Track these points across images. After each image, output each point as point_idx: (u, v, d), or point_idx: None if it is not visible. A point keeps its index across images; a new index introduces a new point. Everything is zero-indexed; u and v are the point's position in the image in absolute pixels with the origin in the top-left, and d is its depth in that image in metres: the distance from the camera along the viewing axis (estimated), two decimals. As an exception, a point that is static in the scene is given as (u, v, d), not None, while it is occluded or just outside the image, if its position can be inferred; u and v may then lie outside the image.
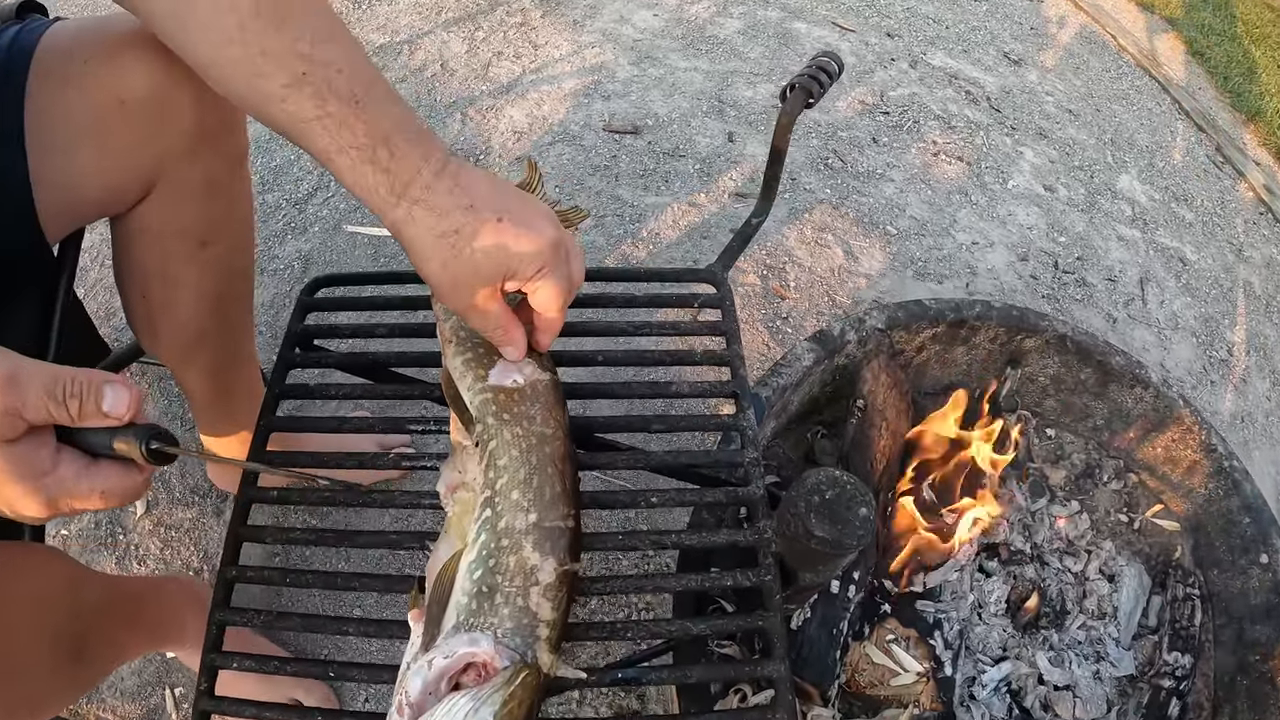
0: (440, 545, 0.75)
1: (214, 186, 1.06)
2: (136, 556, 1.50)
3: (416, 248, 0.72)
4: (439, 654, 0.66)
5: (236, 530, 0.89)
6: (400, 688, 0.66)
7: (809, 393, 1.26)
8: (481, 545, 0.69)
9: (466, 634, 0.66)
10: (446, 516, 0.77)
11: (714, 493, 0.86)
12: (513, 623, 0.66)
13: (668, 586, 0.79)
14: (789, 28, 2.70)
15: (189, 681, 1.39)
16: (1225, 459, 1.35)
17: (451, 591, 0.70)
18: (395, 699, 0.65)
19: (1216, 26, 3.46)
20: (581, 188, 2.05)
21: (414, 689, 0.65)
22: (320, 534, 0.86)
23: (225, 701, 0.81)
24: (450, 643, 0.66)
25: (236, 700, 0.81)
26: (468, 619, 0.67)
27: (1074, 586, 1.31)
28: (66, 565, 1.04)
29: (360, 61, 0.69)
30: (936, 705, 1.10)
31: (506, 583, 0.67)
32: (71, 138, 0.89)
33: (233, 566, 0.87)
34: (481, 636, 0.66)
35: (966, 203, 2.23)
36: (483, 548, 0.69)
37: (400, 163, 0.69)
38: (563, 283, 0.76)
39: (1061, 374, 1.41)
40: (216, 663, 0.83)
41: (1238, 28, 3.50)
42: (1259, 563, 1.29)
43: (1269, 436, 2.00)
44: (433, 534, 0.81)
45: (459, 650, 0.65)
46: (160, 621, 1.18)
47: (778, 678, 0.73)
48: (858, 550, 0.80)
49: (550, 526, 0.69)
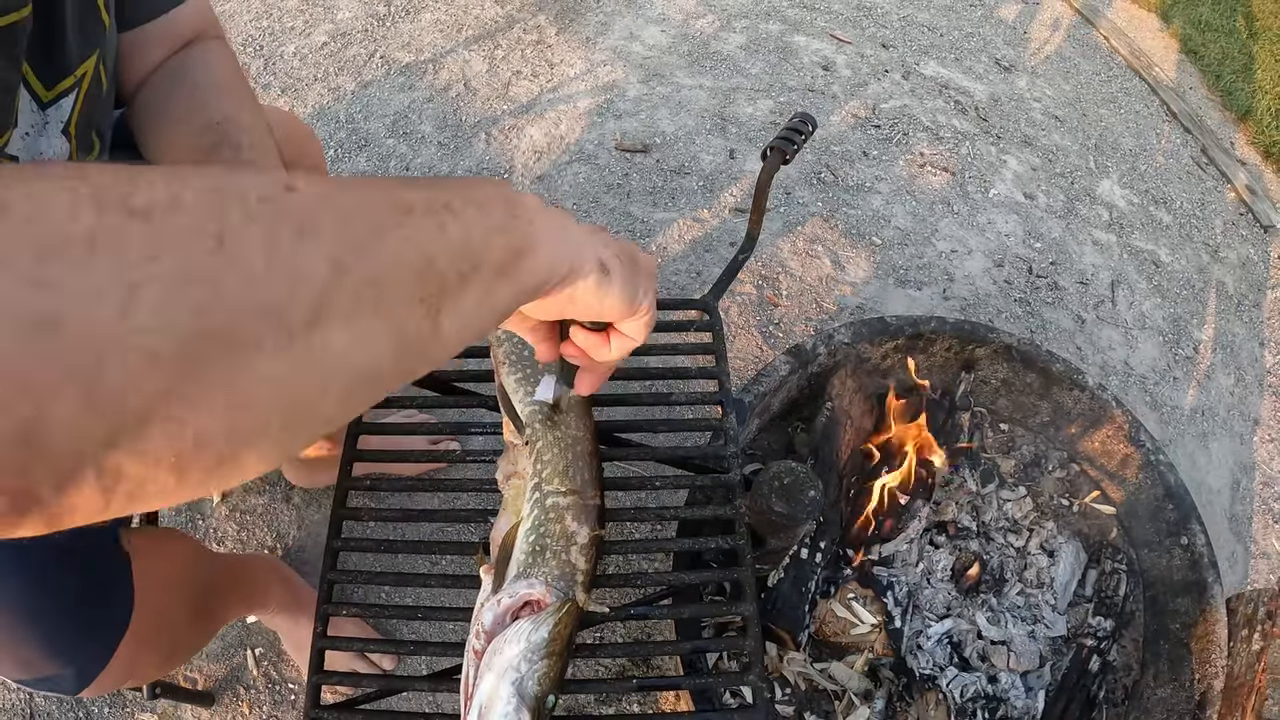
0: (500, 518, 1.08)
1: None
2: (216, 538, 1.82)
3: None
4: (505, 594, 0.99)
5: (338, 511, 1.21)
6: (476, 620, 0.98)
7: (788, 396, 1.60)
8: (534, 518, 1.03)
9: (525, 580, 0.99)
10: (503, 497, 1.10)
11: (704, 478, 1.20)
12: (558, 571, 1.00)
13: (669, 548, 1.14)
14: (789, 41, 3.01)
15: (267, 643, 1.69)
16: (1153, 453, 1.67)
17: (512, 552, 1.03)
18: (473, 628, 0.98)
19: (1214, 22, 3.69)
20: (597, 205, 2.38)
21: (487, 620, 0.98)
22: (406, 513, 1.20)
23: (337, 640, 1.15)
24: (513, 586, 0.99)
25: (345, 638, 1.16)
26: (525, 570, 1.00)
27: (1015, 559, 1.64)
28: (191, 543, 1.37)
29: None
30: (889, 652, 1.45)
31: (553, 543, 1.01)
32: None
33: (337, 539, 1.20)
34: (536, 581, 0.99)
35: (949, 212, 2.55)
36: (535, 519, 1.03)
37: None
38: None
39: (1010, 378, 1.73)
40: (329, 612, 1.15)
41: (1237, 22, 3.72)
42: (1180, 544, 1.60)
43: (1229, 429, 2.30)
44: (490, 510, 1.16)
45: (520, 591, 0.99)
46: (253, 589, 1.50)
47: (748, 615, 1.07)
48: (809, 521, 1.14)
49: (584, 504, 1.03)
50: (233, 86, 1.06)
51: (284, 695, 1.65)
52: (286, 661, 1.68)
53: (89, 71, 0.87)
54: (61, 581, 0.99)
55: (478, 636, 0.96)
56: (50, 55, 0.79)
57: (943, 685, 1.45)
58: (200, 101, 1.02)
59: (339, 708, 1.14)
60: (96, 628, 1.04)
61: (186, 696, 1.61)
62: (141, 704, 1.63)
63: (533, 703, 0.89)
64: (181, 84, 1.05)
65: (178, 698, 1.60)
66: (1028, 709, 1.50)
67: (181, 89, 1.04)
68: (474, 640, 0.96)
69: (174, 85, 1.04)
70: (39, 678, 1.00)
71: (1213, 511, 2.10)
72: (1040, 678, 1.54)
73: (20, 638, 0.96)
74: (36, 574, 0.96)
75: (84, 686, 1.04)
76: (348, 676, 1.13)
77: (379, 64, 2.73)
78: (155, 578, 1.11)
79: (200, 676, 1.68)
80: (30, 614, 0.96)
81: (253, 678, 1.67)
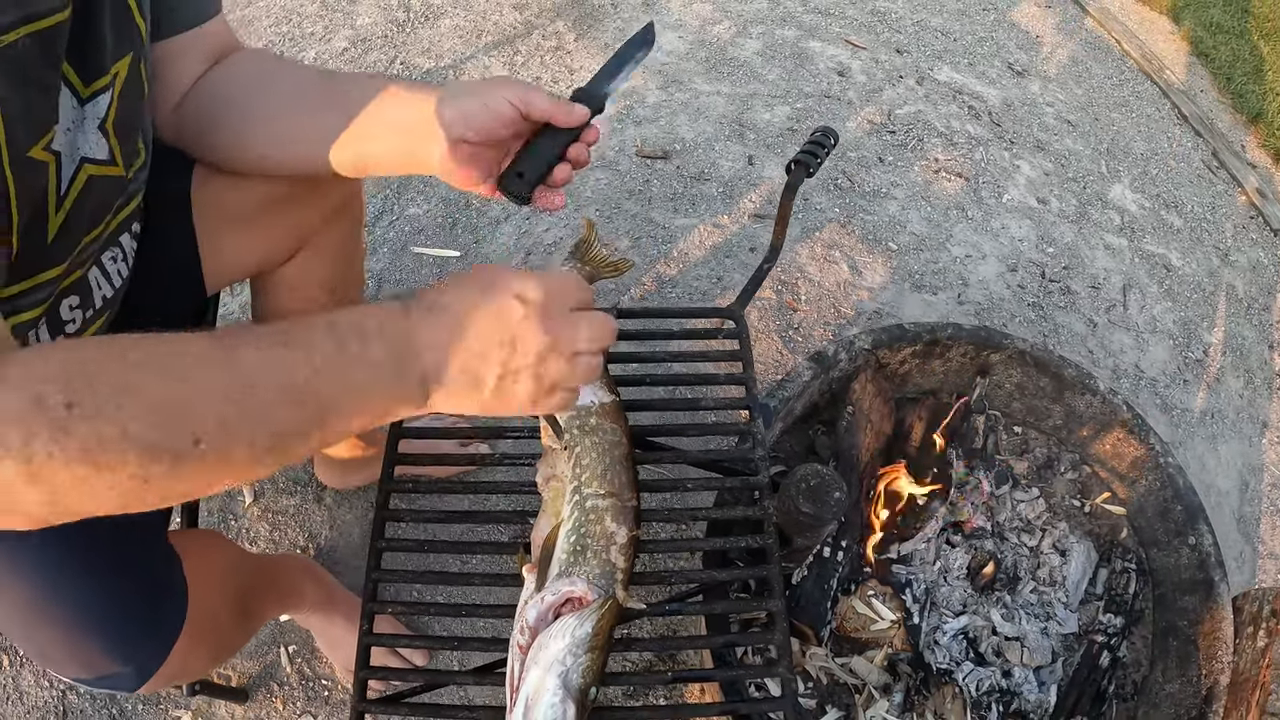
0: (540, 520, 1.14)
1: (343, 247, 1.45)
2: (248, 539, 1.86)
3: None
4: (548, 592, 1.05)
5: (381, 514, 1.27)
6: (520, 617, 1.04)
7: (810, 400, 1.66)
8: (574, 519, 1.09)
9: (567, 578, 1.05)
10: (542, 500, 1.17)
11: (733, 480, 1.27)
12: (599, 570, 1.06)
13: (701, 547, 1.21)
14: (804, 47, 3.07)
15: (301, 640, 1.74)
16: (1162, 456, 1.72)
17: (553, 552, 1.09)
18: (516, 624, 1.03)
19: (1226, 24, 3.72)
20: (619, 211, 2.45)
21: (531, 616, 1.03)
22: (447, 515, 1.26)
23: (382, 637, 1.21)
24: (556, 584, 1.05)
25: (390, 634, 1.22)
26: (567, 569, 1.06)
27: (1029, 558, 1.71)
28: (230, 544, 1.43)
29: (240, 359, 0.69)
30: (907, 647, 1.52)
31: (594, 543, 1.07)
32: (237, 227, 1.22)
33: (381, 539, 1.24)
34: (578, 580, 1.05)
35: (963, 218, 2.61)
36: (576, 521, 1.09)
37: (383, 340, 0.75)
38: None
39: (1024, 382, 1.80)
40: (374, 610, 1.20)
41: (1248, 23, 3.76)
42: (1188, 544, 1.66)
43: (1238, 432, 2.35)
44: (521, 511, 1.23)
45: (563, 589, 1.04)
46: (288, 589, 1.55)
47: (775, 611, 1.13)
48: (834, 521, 1.21)
49: (622, 505, 1.09)
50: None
51: (317, 692, 1.70)
52: (320, 659, 1.73)
53: (124, 71, 0.93)
54: (121, 583, 1.03)
55: (522, 632, 1.02)
56: (86, 53, 0.85)
57: (959, 679, 1.52)
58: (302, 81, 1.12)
59: (384, 701, 1.20)
60: (156, 627, 1.08)
61: (222, 693, 1.66)
62: (177, 701, 1.67)
63: (577, 694, 0.95)
64: (268, 69, 1.13)
65: (214, 694, 1.65)
66: (1040, 703, 1.56)
67: (268, 76, 1.12)
68: (518, 636, 1.02)
69: (255, 80, 1.12)
70: (99, 677, 1.04)
71: (1221, 512, 2.16)
72: (1052, 672, 1.60)
73: (84, 639, 1.00)
74: (98, 577, 1.01)
75: (142, 684, 1.07)
76: (394, 671, 1.18)
77: (399, 70, 2.79)
78: (204, 577, 1.16)
79: (234, 674, 1.72)
80: (94, 616, 1.01)
81: (286, 674, 1.72)
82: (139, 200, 1.06)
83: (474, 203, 2.44)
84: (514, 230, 2.40)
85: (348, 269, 1.52)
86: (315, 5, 2.97)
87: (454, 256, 2.32)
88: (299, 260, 1.38)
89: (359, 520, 1.90)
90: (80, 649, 1.01)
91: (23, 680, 1.67)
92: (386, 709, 1.17)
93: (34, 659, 1.09)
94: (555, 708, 0.93)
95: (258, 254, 1.31)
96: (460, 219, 2.41)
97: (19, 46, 0.73)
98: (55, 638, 1.00)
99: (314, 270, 1.42)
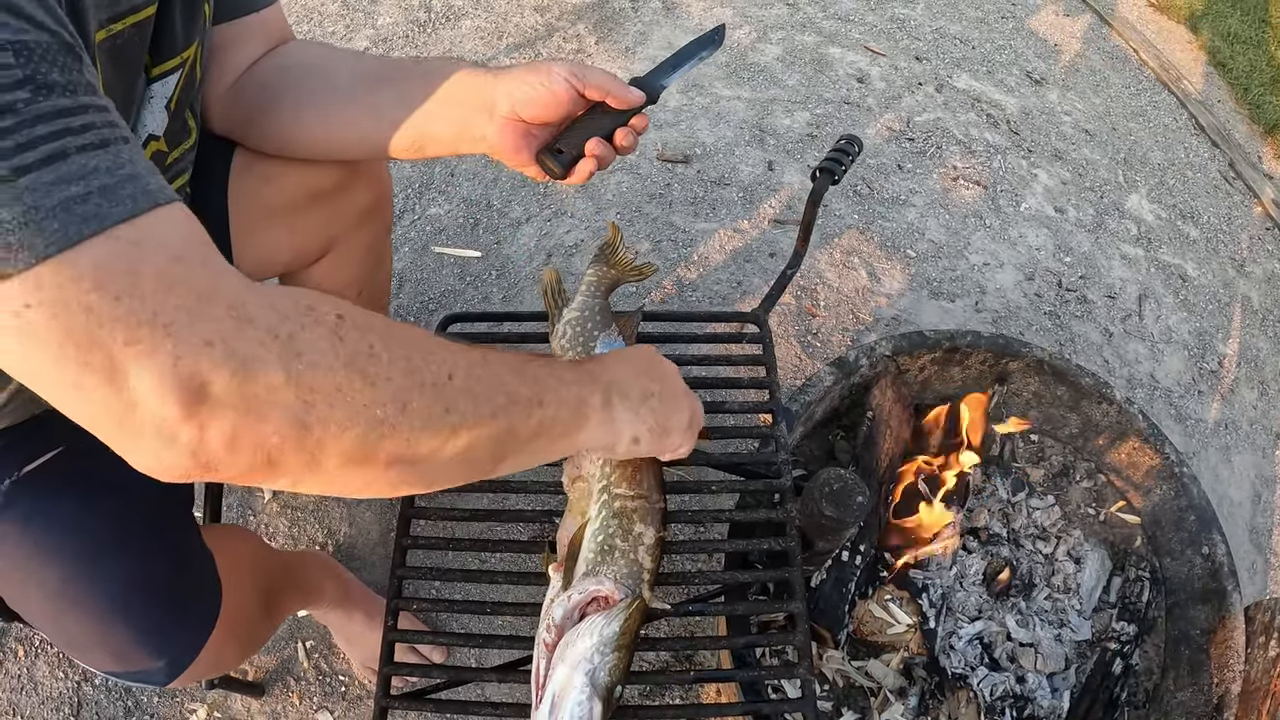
0: (565, 520, 1.15)
1: (372, 248, 1.48)
2: (268, 534, 1.88)
3: None
4: (575, 591, 1.06)
5: (406, 512, 1.28)
6: (546, 616, 1.05)
7: (831, 405, 1.68)
8: (602, 519, 1.11)
9: (594, 578, 1.07)
10: (568, 500, 1.18)
11: (755, 483, 1.29)
12: (626, 570, 1.08)
13: (724, 549, 1.23)
14: (824, 53, 3.09)
15: (318, 636, 1.76)
16: (1176, 466, 1.74)
17: (580, 551, 1.11)
18: (543, 623, 1.05)
19: (1243, 34, 3.74)
20: (640, 214, 2.47)
21: (557, 615, 1.05)
22: (473, 512, 1.28)
23: (407, 633, 1.23)
24: (583, 584, 1.07)
25: (414, 631, 1.24)
26: (594, 568, 1.08)
27: (1043, 565, 1.72)
28: (258, 540, 1.45)
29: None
30: (923, 651, 1.53)
31: (622, 544, 1.09)
32: (269, 222, 1.24)
33: (406, 537, 1.26)
34: (605, 579, 1.06)
35: (981, 226, 2.63)
36: (603, 521, 1.10)
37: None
38: None
39: (1041, 390, 1.81)
40: (399, 606, 1.21)
41: (1266, 33, 3.77)
42: (1201, 554, 1.67)
43: (1251, 443, 2.36)
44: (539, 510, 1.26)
45: (590, 588, 1.06)
46: (310, 585, 1.57)
47: (797, 613, 1.15)
48: (856, 525, 1.23)
49: (650, 507, 1.11)
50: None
51: (334, 687, 1.72)
52: (337, 654, 1.75)
53: (192, 57, 0.97)
54: (154, 572, 1.05)
55: (548, 630, 1.03)
56: (160, 39, 0.90)
57: (973, 684, 1.54)
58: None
59: (407, 697, 1.21)
60: (191, 620, 1.10)
61: (239, 687, 1.68)
62: (193, 694, 1.69)
63: (604, 692, 0.97)
64: (325, 54, 1.17)
65: (231, 688, 1.67)
66: (1053, 709, 1.58)
67: (325, 61, 1.16)
68: (544, 634, 1.04)
69: (313, 65, 1.15)
70: (131, 670, 1.05)
71: (1234, 523, 2.17)
72: (1065, 679, 1.62)
73: (116, 631, 1.02)
74: (131, 564, 1.02)
75: (174, 678, 1.09)
76: (419, 668, 1.20)
77: (422, 71, 2.80)
78: (235, 572, 1.18)
79: (251, 668, 1.74)
80: (128, 607, 1.02)
81: (303, 669, 1.74)
82: (184, 181, 1.08)
83: (495, 203, 2.46)
84: (535, 232, 2.42)
85: (375, 271, 1.54)
86: (336, 5, 2.99)
87: (475, 257, 2.34)
88: (327, 261, 1.41)
89: (377, 518, 1.92)
90: (110, 637, 1.02)
91: (38, 671, 1.69)
92: (409, 704, 1.19)
93: (62, 648, 1.09)
94: (582, 705, 0.95)
95: (288, 252, 1.33)
96: (481, 219, 2.43)
97: (124, 36, 0.79)
98: (85, 624, 1.01)
99: (342, 272, 1.44)
